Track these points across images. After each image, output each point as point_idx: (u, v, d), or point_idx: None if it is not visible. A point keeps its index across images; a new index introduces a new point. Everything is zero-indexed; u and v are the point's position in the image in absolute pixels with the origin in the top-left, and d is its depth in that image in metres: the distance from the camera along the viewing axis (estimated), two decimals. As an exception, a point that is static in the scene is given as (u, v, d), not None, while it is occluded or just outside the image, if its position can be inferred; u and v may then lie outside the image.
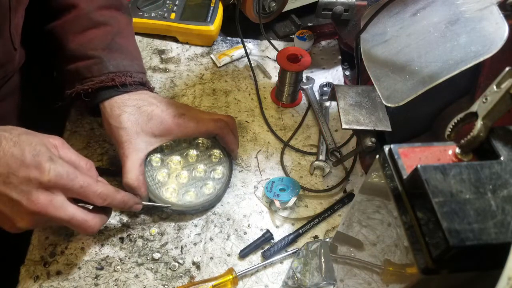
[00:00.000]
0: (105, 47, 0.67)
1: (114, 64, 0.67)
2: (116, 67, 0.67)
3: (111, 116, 0.65)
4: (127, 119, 0.65)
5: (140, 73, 0.70)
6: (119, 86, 0.66)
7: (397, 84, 0.56)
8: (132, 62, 0.70)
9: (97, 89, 0.65)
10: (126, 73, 0.67)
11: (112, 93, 0.66)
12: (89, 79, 0.66)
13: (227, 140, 0.70)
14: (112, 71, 0.66)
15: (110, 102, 0.66)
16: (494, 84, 0.36)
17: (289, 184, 0.71)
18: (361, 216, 0.50)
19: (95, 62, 0.66)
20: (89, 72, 0.66)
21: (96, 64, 0.66)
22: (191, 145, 0.72)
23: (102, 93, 0.66)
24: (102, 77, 0.65)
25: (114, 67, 0.67)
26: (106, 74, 0.66)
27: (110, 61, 0.67)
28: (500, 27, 0.49)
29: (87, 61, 0.66)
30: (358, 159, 0.76)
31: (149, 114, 0.66)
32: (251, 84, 0.86)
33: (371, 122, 0.62)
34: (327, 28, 0.93)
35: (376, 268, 0.47)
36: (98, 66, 0.66)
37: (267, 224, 0.69)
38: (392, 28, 0.61)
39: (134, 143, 0.65)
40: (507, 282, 0.30)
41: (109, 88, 0.66)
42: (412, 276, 0.36)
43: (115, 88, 0.66)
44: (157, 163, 0.70)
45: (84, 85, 0.65)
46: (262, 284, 0.63)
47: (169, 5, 0.92)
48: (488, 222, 0.33)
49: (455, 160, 0.38)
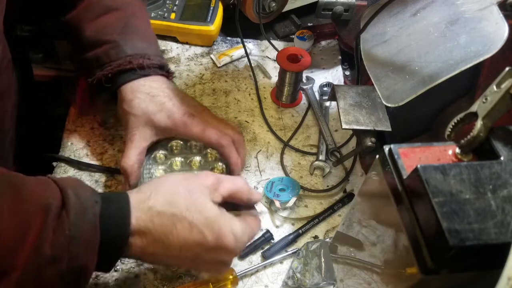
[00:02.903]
0: (120, 31, 0.67)
1: (131, 46, 0.66)
2: (133, 49, 0.66)
3: (124, 100, 0.65)
4: (138, 105, 0.64)
5: (158, 56, 0.69)
6: (137, 68, 0.65)
7: (397, 84, 0.56)
8: (149, 44, 0.69)
9: (116, 74, 0.65)
10: (143, 55, 0.66)
11: (130, 76, 0.65)
12: (107, 64, 0.65)
13: (229, 159, 0.66)
14: (129, 54, 0.66)
15: (125, 87, 0.65)
16: (494, 84, 0.36)
17: (289, 184, 0.71)
18: (361, 216, 0.50)
19: (111, 46, 0.66)
20: (107, 57, 0.66)
21: (113, 48, 0.66)
22: (200, 152, 0.69)
23: (120, 78, 0.65)
24: (120, 60, 0.65)
25: (131, 49, 0.66)
26: (123, 57, 0.65)
27: (126, 44, 0.66)
28: (500, 27, 0.49)
29: (104, 46, 0.66)
30: (358, 159, 0.76)
31: (160, 105, 0.64)
32: (251, 84, 0.86)
33: (371, 122, 0.62)
34: (327, 28, 0.93)
35: (376, 268, 0.47)
36: (115, 50, 0.66)
37: (267, 224, 0.69)
38: (392, 28, 0.61)
39: (141, 130, 0.64)
40: (507, 282, 0.30)
41: (128, 71, 0.65)
42: (412, 276, 0.36)
43: (133, 71, 0.65)
44: (160, 159, 0.69)
45: (104, 71, 0.65)
46: (262, 284, 0.63)
47: (169, 5, 0.92)
48: (488, 222, 0.33)
49: (455, 160, 0.38)
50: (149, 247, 0.48)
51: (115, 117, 0.78)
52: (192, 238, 0.48)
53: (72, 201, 0.43)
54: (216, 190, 0.52)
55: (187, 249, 0.49)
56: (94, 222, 0.44)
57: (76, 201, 0.44)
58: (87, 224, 0.43)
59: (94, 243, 0.44)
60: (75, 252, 0.43)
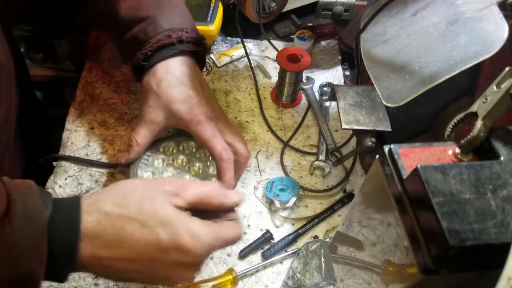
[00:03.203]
0: (155, 6, 0.66)
1: (168, 21, 0.65)
2: (170, 24, 0.65)
3: (154, 76, 0.63)
4: (165, 87, 0.63)
5: (195, 30, 0.68)
6: (176, 43, 0.64)
7: (397, 84, 0.56)
8: (185, 18, 0.68)
9: (156, 51, 0.64)
10: (181, 29, 0.65)
11: (168, 52, 0.64)
12: (146, 42, 0.64)
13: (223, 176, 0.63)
14: (167, 28, 0.64)
15: (160, 65, 0.64)
16: (494, 84, 0.36)
17: (289, 184, 0.71)
18: (361, 216, 0.50)
19: (148, 22, 0.64)
20: (145, 34, 0.64)
21: (150, 24, 0.64)
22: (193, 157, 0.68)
23: (158, 54, 0.64)
24: (158, 36, 0.64)
25: (168, 24, 0.65)
26: (161, 32, 0.64)
27: (163, 18, 0.65)
28: (500, 27, 0.49)
29: (141, 24, 0.65)
30: (358, 159, 0.76)
31: (186, 96, 0.63)
32: (251, 84, 0.86)
33: (371, 122, 0.62)
34: (327, 28, 0.93)
35: (376, 268, 0.47)
36: (152, 26, 0.64)
37: (267, 224, 0.69)
38: (392, 28, 0.61)
39: (157, 112, 0.63)
40: (507, 282, 0.30)
41: (166, 46, 0.64)
42: (412, 276, 0.36)
43: (171, 46, 0.64)
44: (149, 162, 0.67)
45: (143, 50, 0.64)
46: (262, 284, 0.63)
47: (169, 5, 0.91)
48: (488, 222, 0.33)
49: (455, 160, 0.38)
50: (99, 251, 0.45)
51: (115, 117, 0.78)
52: (144, 238, 0.45)
53: (18, 208, 0.42)
54: (177, 195, 0.48)
55: (140, 251, 0.45)
56: (41, 229, 0.42)
57: (22, 208, 0.42)
58: (32, 231, 0.42)
59: (41, 250, 0.42)
60: (19, 260, 0.41)
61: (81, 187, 0.70)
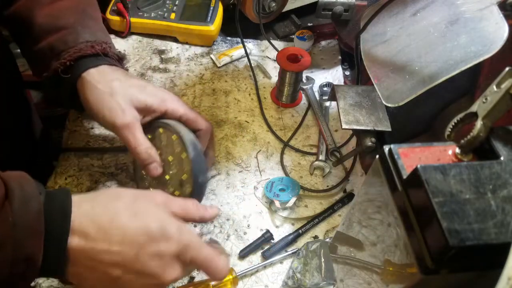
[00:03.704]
0: (77, 17, 0.61)
1: (89, 33, 0.61)
2: (92, 36, 0.61)
3: (100, 82, 0.58)
4: (120, 86, 0.59)
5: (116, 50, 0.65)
6: (101, 53, 0.60)
7: (397, 84, 0.56)
8: (106, 35, 0.64)
9: (76, 60, 0.59)
10: (105, 42, 0.61)
11: (95, 61, 0.59)
12: (65, 51, 0.58)
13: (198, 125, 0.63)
14: (89, 40, 0.60)
15: (97, 69, 0.59)
16: (494, 84, 0.36)
17: (289, 184, 0.71)
18: (361, 216, 0.50)
19: (68, 32, 0.60)
20: (64, 44, 0.59)
21: (70, 34, 0.59)
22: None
23: (81, 64, 0.59)
24: (80, 45, 0.59)
25: (90, 36, 0.60)
26: (83, 42, 0.59)
27: (84, 30, 0.60)
28: (500, 27, 0.49)
29: (59, 32, 0.60)
30: (358, 159, 0.76)
31: (140, 85, 0.61)
32: (251, 84, 0.86)
33: (371, 122, 0.62)
34: (327, 28, 0.94)
35: (376, 268, 0.47)
36: (73, 36, 0.59)
37: (267, 224, 0.69)
38: (392, 28, 0.61)
39: (132, 111, 0.59)
40: (507, 282, 0.30)
41: (90, 57, 0.59)
42: (412, 276, 0.36)
43: (96, 57, 0.60)
44: None
45: (61, 59, 0.58)
46: (262, 284, 0.63)
47: (169, 5, 0.92)
48: (488, 222, 0.33)
49: (455, 160, 0.38)
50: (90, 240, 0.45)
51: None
52: (134, 225, 0.47)
53: (16, 191, 0.43)
54: (166, 205, 0.51)
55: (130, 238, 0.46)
56: (38, 210, 0.44)
57: (20, 191, 0.44)
58: (31, 212, 0.43)
59: (39, 231, 0.43)
60: (20, 239, 0.42)
61: (81, 187, 0.70)
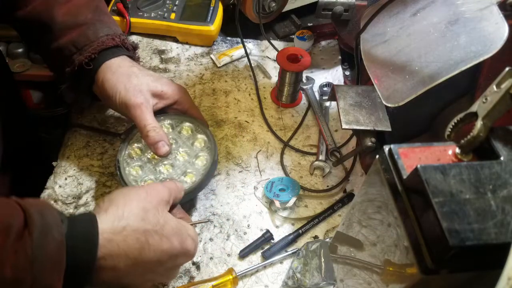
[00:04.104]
0: (94, 13, 0.66)
1: (105, 27, 0.66)
2: (109, 30, 0.66)
3: (121, 66, 0.63)
4: (139, 72, 0.64)
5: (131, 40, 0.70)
6: (121, 45, 0.65)
7: (397, 84, 0.56)
8: (119, 28, 0.69)
9: (100, 52, 0.63)
10: (122, 34, 0.66)
11: (117, 52, 0.64)
12: (88, 45, 0.63)
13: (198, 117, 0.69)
14: (108, 33, 0.65)
15: (117, 59, 0.64)
16: (494, 84, 0.36)
17: (289, 184, 0.71)
18: (361, 216, 0.50)
19: (88, 27, 0.64)
20: (86, 38, 0.64)
21: (90, 29, 0.64)
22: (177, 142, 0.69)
23: (102, 56, 0.64)
24: (101, 39, 0.64)
25: (108, 29, 0.66)
26: (103, 36, 0.64)
27: (102, 24, 0.65)
28: (500, 27, 0.49)
29: (80, 28, 0.64)
30: (358, 159, 0.76)
31: (156, 75, 0.66)
32: (251, 84, 0.86)
33: (371, 122, 0.62)
34: (327, 28, 0.93)
35: (376, 268, 0.47)
36: (92, 30, 0.64)
37: (267, 224, 0.69)
38: (392, 28, 0.61)
39: (146, 94, 0.64)
40: (507, 282, 0.30)
41: (110, 49, 0.64)
42: (412, 276, 0.36)
43: (116, 49, 0.64)
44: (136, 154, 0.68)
45: (84, 53, 0.63)
46: (262, 284, 0.63)
47: (169, 5, 0.92)
48: (488, 222, 0.33)
49: (455, 160, 0.38)
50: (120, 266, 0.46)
51: (115, 117, 0.78)
52: (161, 249, 0.49)
53: (36, 220, 0.41)
54: (168, 202, 0.54)
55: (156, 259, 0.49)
56: (60, 241, 0.42)
57: (40, 220, 0.41)
58: (52, 243, 0.41)
59: (60, 264, 0.41)
60: (39, 274, 0.40)
61: (81, 187, 0.70)
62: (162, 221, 0.50)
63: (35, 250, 0.40)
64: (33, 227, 0.40)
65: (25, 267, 0.39)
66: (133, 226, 0.47)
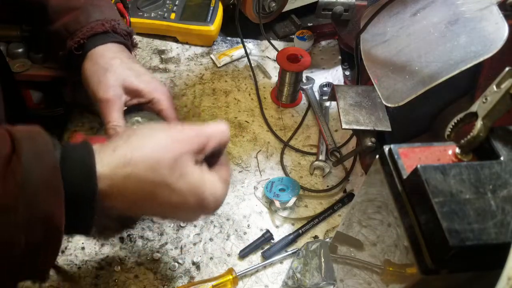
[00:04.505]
0: None
1: (99, 11, 0.66)
2: (101, 14, 0.65)
3: (102, 57, 0.62)
4: (119, 65, 0.62)
5: (125, 25, 0.69)
6: (111, 31, 0.64)
7: (397, 84, 0.56)
8: (115, 12, 0.69)
9: (89, 38, 0.63)
10: (114, 19, 0.66)
11: (103, 39, 0.64)
12: (78, 30, 0.63)
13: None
14: (99, 18, 0.65)
15: (104, 46, 0.63)
16: (494, 84, 0.36)
17: (289, 184, 0.71)
18: (361, 216, 0.50)
19: (80, 12, 0.64)
20: (77, 23, 0.64)
21: (82, 13, 0.64)
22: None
23: (92, 42, 0.63)
24: (91, 24, 0.64)
25: (100, 14, 0.65)
26: (94, 21, 0.64)
27: (94, 9, 0.65)
28: (500, 27, 0.49)
29: (72, 13, 0.64)
30: (358, 159, 0.76)
31: (138, 71, 0.64)
32: (251, 84, 0.86)
33: (371, 122, 0.62)
34: (327, 28, 0.93)
35: (376, 268, 0.46)
36: (84, 15, 0.64)
37: (267, 224, 0.69)
38: (392, 28, 0.61)
39: (117, 89, 0.61)
40: (507, 282, 0.30)
41: (100, 34, 0.64)
42: (412, 276, 0.36)
43: (106, 35, 0.64)
44: None
45: (75, 38, 0.63)
46: (262, 284, 0.63)
47: (169, 5, 0.92)
48: (488, 222, 0.32)
49: (455, 160, 0.38)
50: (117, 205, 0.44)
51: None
52: (170, 202, 0.46)
53: (25, 145, 0.38)
54: (200, 152, 0.49)
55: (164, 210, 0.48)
56: (53, 163, 0.39)
57: (30, 144, 0.39)
58: (44, 166, 0.38)
59: (56, 189, 0.38)
60: (33, 199, 0.37)
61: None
62: (179, 173, 0.46)
63: (26, 174, 0.37)
64: (21, 151, 0.38)
65: (15, 193, 0.37)
66: (138, 175, 0.44)
